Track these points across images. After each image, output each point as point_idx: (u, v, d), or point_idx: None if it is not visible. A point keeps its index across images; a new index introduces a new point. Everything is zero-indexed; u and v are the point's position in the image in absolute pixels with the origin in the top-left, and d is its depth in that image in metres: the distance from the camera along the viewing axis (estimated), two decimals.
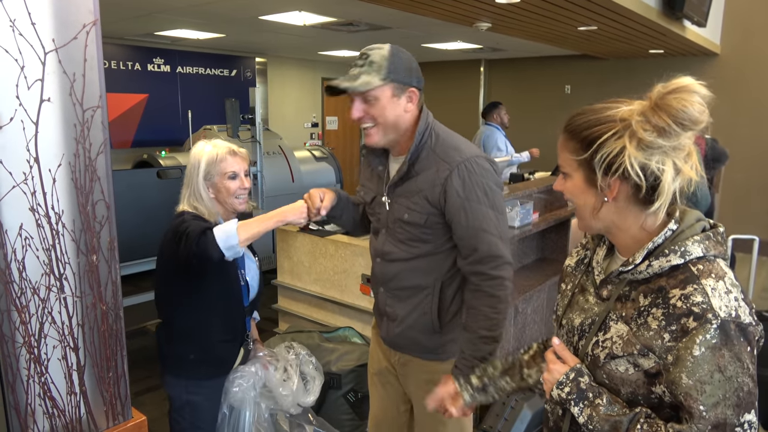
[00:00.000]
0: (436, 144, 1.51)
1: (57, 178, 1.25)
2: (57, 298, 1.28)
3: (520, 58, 8.28)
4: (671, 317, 0.91)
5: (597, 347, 1.01)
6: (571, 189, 1.03)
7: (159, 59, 7.13)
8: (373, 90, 1.45)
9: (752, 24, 6.40)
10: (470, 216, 1.45)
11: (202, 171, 1.76)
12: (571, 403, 1.00)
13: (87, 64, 1.26)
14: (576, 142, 1.00)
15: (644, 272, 0.97)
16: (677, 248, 0.95)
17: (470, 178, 1.45)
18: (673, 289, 0.93)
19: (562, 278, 1.22)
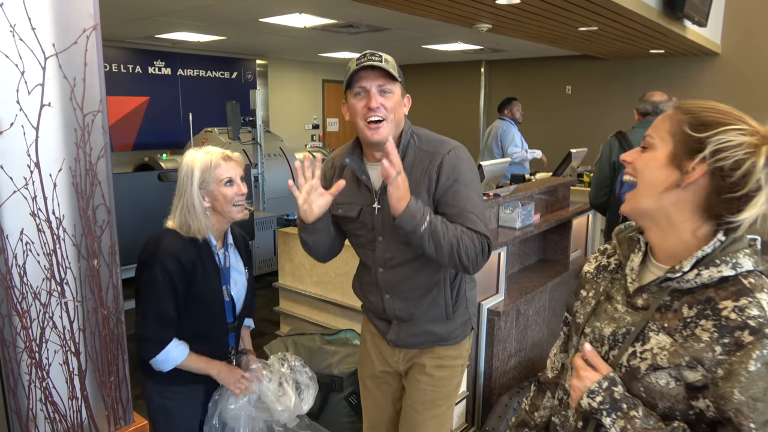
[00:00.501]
0: (420, 142, 1.59)
1: (57, 182, 1.25)
2: (58, 303, 1.28)
3: (521, 59, 8.29)
4: (724, 329, 0.87)
5: (634, 358, 0.96)
6: (647, 160, 0.97)
7: (160, 62, 7.15)
8: (392, 84, 1.51)
9: (753, 24, 6.39)
10: (457, 197, 1.52)
11: (196, 180, 1.69)
12: (602, 413, 0.94)
13: (87, 68, 1.26)
14: (690, 117, 0.93)
15: (692, 281, 0.93)
16: (728, 259, 0.91)
17: (458, 163, 1.54)
18: (724, 301, 0.89)
19: (581, 285, 1.17)
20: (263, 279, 5.34)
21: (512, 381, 3.03)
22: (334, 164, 1.70)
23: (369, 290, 1.72)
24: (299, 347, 2.48)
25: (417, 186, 1.53)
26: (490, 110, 8.90)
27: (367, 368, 1.84)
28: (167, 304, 1.67)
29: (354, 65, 1.50)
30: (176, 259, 1.67)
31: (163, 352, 1.66)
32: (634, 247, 1.07)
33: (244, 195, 1.76)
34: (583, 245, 3.97)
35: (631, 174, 1.01)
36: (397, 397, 1.84)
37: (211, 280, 1.75)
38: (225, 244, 1.82)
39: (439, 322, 1.67)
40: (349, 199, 1.63)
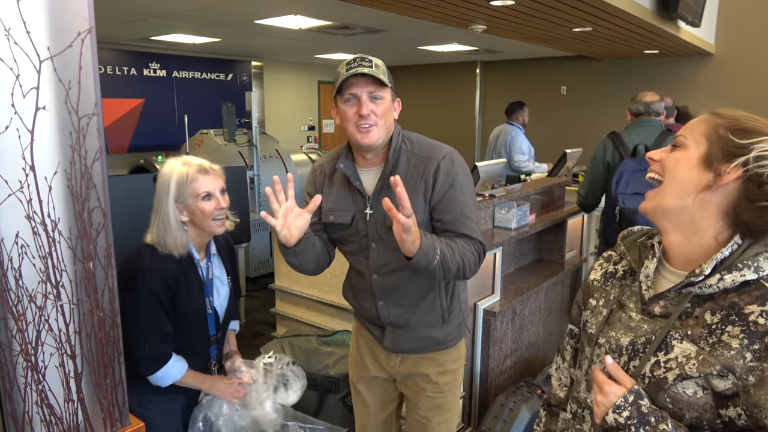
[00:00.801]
0: (413, 147, 1.59)
1: (53, 185, 1.25)
2: (54, 306, 1.28)
3: (516, 60, 8.31)
4: (753, 335, 0.86)
5: (658, 368, 0.94)
6: (678, 159, 0.95)
7: (155, 64, 7.15)
8: (382, 90, 1.51)
9: (746, 24, 6.43)
10: (453, 202, 1.53)
11: (171, 193, 1.64)
12: (630, 429, 0.91)
13: (82, 71, 1.26)
14: (729, 122, 0.93)
15: (714, 286, 0.91)
16: (750, 263, 0.89)
17: (453, 169, 1.55)
18: (750, 306, 0.88)
19: (590, 293, 1.15)
20: (259, 281, 5.34)
21: (508, 381, 3.04)
22: (323, 170, 1.68)
23: (362, 297, 1.70)
24: (295, 348, 2.49)
25: (413, 191, 1.52)
26: (486, 111, 8.92)
27: (359, 372, 1.83)
28: (162, 319, 1.68)
29: (344, 71, 1.49)
30: (159, 277, 1.66)
31: (163, 368, 1.67)
32: (647, 253, 1.05)
33: (223, 210, 1.70)
34: (579, 245, 3.98)
35: (657, 172, 0.99)
36: (389, 400, 1.85)
37: (194, 294, 1.73)
38: (208, 254, 1.79)
39: (435, 326, 1.67)
40: (342, 205, 1.61)
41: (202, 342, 1.81)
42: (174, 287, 1.68)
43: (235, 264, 1.93)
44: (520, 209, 3.14)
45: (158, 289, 1.65)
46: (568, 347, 1.23)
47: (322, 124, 9.68)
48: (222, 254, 1.85)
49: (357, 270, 1.68)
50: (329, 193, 1.64)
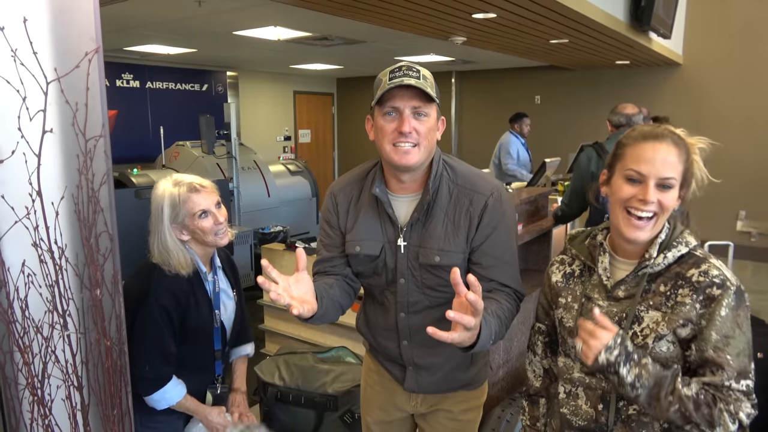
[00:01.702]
0: (455, 176, 1.41)
1: (59, 211, 1.21)
2: (60, 336, 1.23)
3: (491, 70, 8.42)
4: (698, 291, 1.11)
5: (636, 337, 1.15)
6: (673, 200, 1.15)
7: (128, 74, 7.00)
8: (429, 106, 1.32)
9: (712, 36, 6.66)
10: (495, 246, 1.37)
11: (166, 216, 1.62)
12: (619, 364, 1.09)
13: (89, 92, 1.22)
14: (685, 156, 1.16)
15: (661, 264, 1.16)
16: (681, 240, 1.17)
17: (501, 208, 1.38)
18: (690, 270, 1.13)
19: (557, 293, 1.32)
20: None
21: (502, 392, 3.05)
22: (346, 194, 1.48)
23: (382, 335, 1.53)
24: (291, 367, 2.45)
25: (454, 228, 1.37)
26: (461, 121, 9.01)
27: (373, 413, 1.66)
28: (167, 340, 1.64)
29: (386, 79, 1.30)
30: (171, 294, 1.63)
31: (161, 391, 1.63)
32: (598, 251, 1.26)
33: (223, 223, 1.67)
34: None
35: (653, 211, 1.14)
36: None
37: (203, 310, 1.71)
38: (213, 267, 1.77)
39: (461, 368, 1.51)
40: (370, 234, 1.42)
41: (208, 357, 1.77)
42: (185, 306, 1.65)
43: (237, 277, 1.90)
44: None
45: (170, 307, 1.62)
46: (539, 342, 1.42)
47: (298, 134, 9.63)
48: (225, 267, 1.83)
49: (382, 304, 1.50)
50: (354, 220, 1.45)
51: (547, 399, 1.43)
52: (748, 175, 6.55)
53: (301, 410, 2.35)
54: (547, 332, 1.40)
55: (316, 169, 9.24)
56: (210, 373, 1.80)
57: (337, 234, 1.48)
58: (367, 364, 1.69)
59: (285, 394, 2.37)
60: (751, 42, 6.42)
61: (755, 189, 6.55)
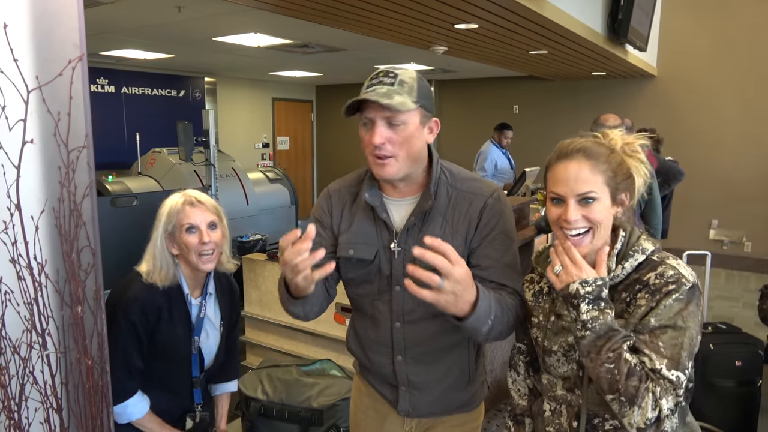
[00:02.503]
0: (453, 180, 1.37)
1: (39, 225, 1.15)
2: (39, 356, 1.17)
3: (471, 79, 8.49)
4: (655, 292, 1.11)
5: None
6: (600, 210, 1.15)
7: (103, 79, 6.86)
8: (404, 114, 1.25)
9: (684, 49, 6.82)
10: (495, 247, 1.33)
11: (161, 224, 1.62)
12: (585, 299, 1.10)
13: (72, 101, 1.17)
14: (607, 164, 1.15)
15: (620, 275, 1.16)
16: (637, 248, 1.17)
17: (500, 209, 1.35)
18: (647, 275, 1.14)
19: (530, 313, 1.31)
20: None
21: (486, 402, 3.03)
22: (341, 196, 1.45)
23: (374, 349, 1.44)
24: (275, 380, 2.40)
25: (453, 232, 1.33)
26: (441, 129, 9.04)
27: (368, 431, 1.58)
28: (132, 353, 1.60)
29: (365, 86, 1.27)
30: (140, 308, 1.60)
31: (122, 404, 1.59)
32: None
33: (207, 245, 1.61)
34: None
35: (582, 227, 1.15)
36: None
37: (176, 331, 1.66)
38: (204, 293, 1.72)
39: (458, 388, 1.44)
40: (364, 238, 1.37)
41: (185, 382, 1.73)
42: (154, 320, 1.61)
43: (234, 311, 1.84)
44: None
45: (136, 320, 1.59)
46: (520, 362, 1.40)
47: (277, 141, 9.55)
48: (220, 297, 1.77)
49: (372, 317, 1.43)
50: (349, 223, 1.40)
51: (532, 418, 1.39)
52: (720, 185, 6.71)
53: (284, 425, 2.30)
54: (527, 351, 1.38)
55: (295, 176, 9.17)
56: (187, 398, 1.75)
57: (329, 235, 1.43)
58: (358, 386, 1.60)
59: (268, 409, 2.32)
60: (723, 56, 6.60)
61: (727, 199, 6.71)
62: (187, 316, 1.67)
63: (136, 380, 1.63)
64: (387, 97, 1.23)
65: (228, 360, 1.85)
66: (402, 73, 1.28)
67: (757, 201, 6.44)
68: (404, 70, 1.29)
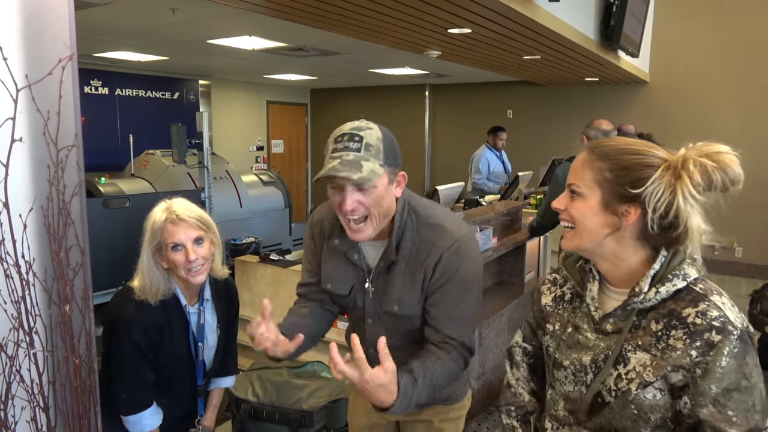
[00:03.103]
0: (418, 224, 1.38)
1: (28, 223, 1.15)
2: (26, 354, 1.17)
3: (464, 84, 8.52)
4: (694, 334, 0.95)
5: (621, 380, 1.01)
6: (581, 209, 1.04)
7: (96, 81, 6.84)
8: (375, 177, 1.27)
9: (677, 55, 6.88)
10: (445, 298, 1.36)
11: (147, 240, 1.61)
12: None
13: (62, 100, 1.18)
14: (609, 163, 1.01)
15: (653, 299, 1.00)
16: (678, 272, 1.00)
17: (457, 260, 1.35)
18: (686, 309, 0.98)
19: (546, 318, 1.21)
20: None
21: (477, 405, 3.05)
22: (322, 229, 1.49)
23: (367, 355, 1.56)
24: (265, 382, 2.39)
25: (412, 279, 1.37)
26: (435, 134, 9.08)
27: (358, 419, 1.73)
28: (141, 367, 1.63)
29: (329, 150, 1.29)
30: (141, 327, 1.61)
31: (138, 415, 1.62)
32: (587, 277, 1.13)
33: (193, 261, 1.60)
34: (536, 267, 4.08)
35: (567, 220, 1.07)
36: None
37: (177, 343, 1.68)
38: (201, 299, 1.73)
39: None
40: (339, 274, 1.45)
41: (187, 390, 1.77)
42: (156, 337, 1.63)
43: (231, 312, 1.86)
44: (484, 233, 3.19)
45: (138, 340, 1.60)
46: (524, 364, 1.28)
47: (271, 144, 9.55)
48: (216, 302, 1.78)
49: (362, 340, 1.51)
50: (327, 257, 1.47)
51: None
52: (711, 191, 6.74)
53: (275, 427, 2.30)
54: (533, 354, 1.28)
55: (289, 179, 9.17)
56: (189, 403, 1.79)
57: (316, 263, 1.52)
58: None
59: (259, 411, 2.32)
60: (715, 63, 6.66)
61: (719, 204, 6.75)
62: (186, 326, 1.69)
63: (150, 392, 1.66)
64: (356, 168, 1.25)
65: (226, 356, 1.87)
66: (367, 135, 1.28)
67: (748, 207, 6.49)
68: (369, 131, 1.29)
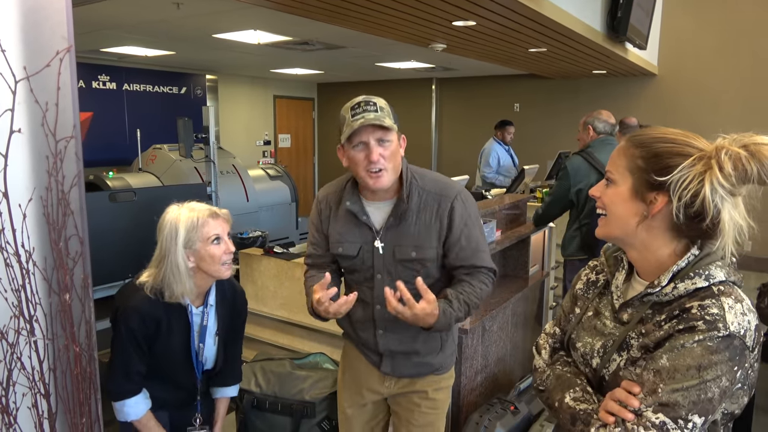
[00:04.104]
0: (423, 182, 1.63)
1: (27, 213, 1.17)
2: (27, 342, 1.19)
3: (471, 77, 8.49)
4: (684, 321, 0.95)
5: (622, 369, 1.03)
6: (612, 196, 1.05)
7: (104, 76, 6.89)
8: (389, 133, 1.54)
9: (686, 47, 6.81)
10: (471, 239, 1.62)
11: (181, 239, 1.62)
12: None
13: (60, 92, 1.19)
14: (642, 150, 1.01)
15: (669, 294, 0.99)
16: (702, 272, 0.98)
17: (467, 209, 1.63)
18: (691, 302, 0.96)
19: (574, 300, 1.22)
20: None
21: (480, 398, 3.05)
22: (328, 202, 1.71)
23: (360, 327, 1.72)
24: (268, 373, 2.41)
25: (426, 228, 1.60)
26: (441, 127, 9.05)
27: (350, 398, 1.83)
28: (132, 358, 1.66)
29: (349, 116, 1.52)
30: (139, 318, 1.64)
31: (120, 403, 1.67)
32: (618, 266, 1.14)
33: (231, 254, 1.70)
34: (540, 260, 4.07)
35: (601, 207, 1.09)
36: (377, 421, 1.85)
37: (175, 341, 1.71)
38: (206, 303, 1.76)
39: (434, 353, 1.72)
40: (349, 237, 1.65)
41: (190, 390, 1.80)
42: (153, 330, 1.66)
43: (236, 321, 1.87)
44: (488, 226, 3.18)
45: (135, 328, 1.63)
46: (546, 346, 1.26)
47: (278, 139, 9.57)
48: (220, 308, 1.80)
49: (361, 300, 1.65)
50: (336, 224, 1.68)
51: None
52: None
53: (277, 417, 2.32)
54: (560, 338, 1.25)
55: (296, 173, 9.19)
56: (192, 390, 1.81)
57: (323, 237, 1.72)
58: (346, 351, 1.87)
59: (261, 401, 2.33)
60: (725, 54, 6.58)
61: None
62: (187, 326, 1.71)
63: (135, 384, 1.69)
64: (380, 120, 1.51)
65: (229, 366, 1.89)
66: (378, 101, 1.55)
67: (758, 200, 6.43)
68: (377, 98, 1.56)
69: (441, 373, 1.76)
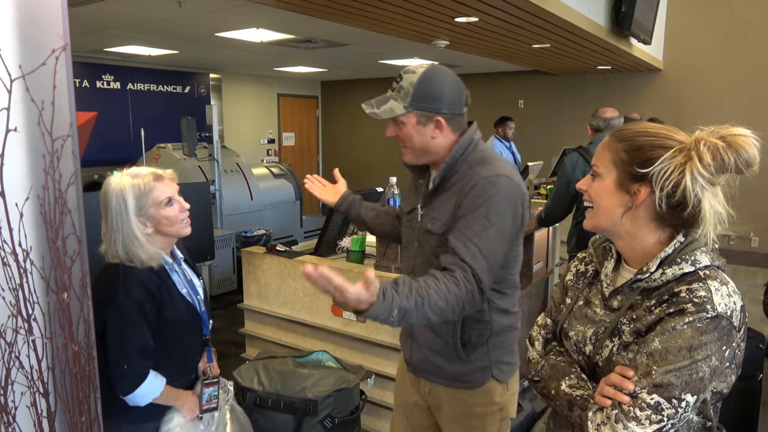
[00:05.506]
0: (473, 159, 1.51)
1: (24, 212, 1.17)
2: (25, 341, 1.20)
3: (475, 74, 8.45)
4: (674, 304, 0.99)
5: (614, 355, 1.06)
6: (598, 189, 1.10)
7: (108, 76, 6.91)
8: (400, 116, 1.50)
9: (691, 42, 6.76)
10: (471, 226, 1.40)
11: (131, 208, 1.58)
12: None
13: (56, 90, 1.19)
14: (625, 144, 1.06)
15: (658, 279, 1.04)
16: (688, 257, 1.02)
17: (490, 192, 1.41)
18: (679, 287, 1.01)
19: (564, 291, 1.26)
20: (222, 298, 5.20)
21: None
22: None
23: None
24: (270, 371, 2.41)
25: (446, 203, 1.49)
26: None
27: (400, 394, 1.82)
28: (145, 332, 1.61)
29: None
30: (143, 287, 1.60)
31: (142, 386, 1.59)
32: (606, 255, 1.18)
33: (186, 210, 1.68)
34: (545, 257, 4.05)
35: (587, 200, 1.13)
36: (424, 427, 1.77)
37: (178, 302, 1.69)
38: (176, 259, 1.76)
39: (449, 359, 1.58)
40: (410, 196, 1.70)
41: (199, 345, 1.80)
42: (159, 298, 1.63)
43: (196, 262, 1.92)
44: None
45: (142, 299, 1.58)
46: (540, 337, 1.29)
47: (282, 137, 9.57)
48: (186, 256, 1.83)
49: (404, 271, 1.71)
50: (411, 183, 1.73)
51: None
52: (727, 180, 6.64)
53: (280, 415, 2.31)
54: (552, 329, 1.28)
55: (301, 172, 9.20)
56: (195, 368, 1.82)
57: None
58: (401, 359, 1.83)
59: (264, 399, 2.33)
60: (731, 49, 6.53)
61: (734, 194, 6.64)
62: (177, 285, 1.70)
63: (149, 360, 1.62)
64: (378, 104, 1.52)
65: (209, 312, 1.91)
66: (405, 79, 1.50)
67: (764, 196, 6.38)
68: (411, 74, 1.50)
69: (462, 387, 1.59)
